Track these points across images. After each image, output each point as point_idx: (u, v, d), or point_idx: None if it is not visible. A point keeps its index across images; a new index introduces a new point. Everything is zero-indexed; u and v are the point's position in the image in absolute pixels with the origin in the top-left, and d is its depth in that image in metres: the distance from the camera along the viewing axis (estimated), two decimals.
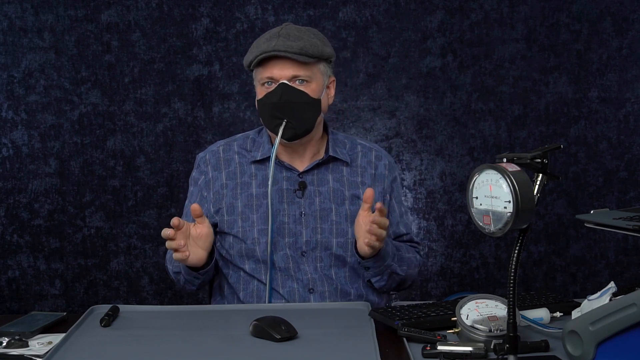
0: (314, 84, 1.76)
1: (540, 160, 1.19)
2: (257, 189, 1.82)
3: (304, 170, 1.83)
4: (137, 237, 3.15)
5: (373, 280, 1.79)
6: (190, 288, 1.82)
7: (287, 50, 1.71)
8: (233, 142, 1.90)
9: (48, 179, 3.13)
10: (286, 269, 1.79)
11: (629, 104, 3.19)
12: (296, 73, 1.73)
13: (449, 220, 3.20)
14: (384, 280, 1.79)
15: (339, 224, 1.80)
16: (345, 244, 1.80)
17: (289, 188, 1.82)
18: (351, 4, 3.12)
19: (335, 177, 1.84)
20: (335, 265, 1.81)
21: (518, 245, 1.15)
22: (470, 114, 3.17)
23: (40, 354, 1.34)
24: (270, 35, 1.76)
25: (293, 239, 1.79)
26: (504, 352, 1.19)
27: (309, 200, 1.81)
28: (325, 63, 1.80)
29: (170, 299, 3.17)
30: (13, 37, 3.07)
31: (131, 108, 3.12)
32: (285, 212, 1.80)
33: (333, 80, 1.86)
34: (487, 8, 3.13)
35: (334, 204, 1.81)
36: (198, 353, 1.35)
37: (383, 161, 1.90)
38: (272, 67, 1.74)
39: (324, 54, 1.77)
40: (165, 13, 3.09)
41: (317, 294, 1.78)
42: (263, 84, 1.77)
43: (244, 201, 1.81)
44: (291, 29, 1.77)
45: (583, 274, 3.24)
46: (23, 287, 3.15)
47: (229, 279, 1.84)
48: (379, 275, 1.77)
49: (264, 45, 1.74)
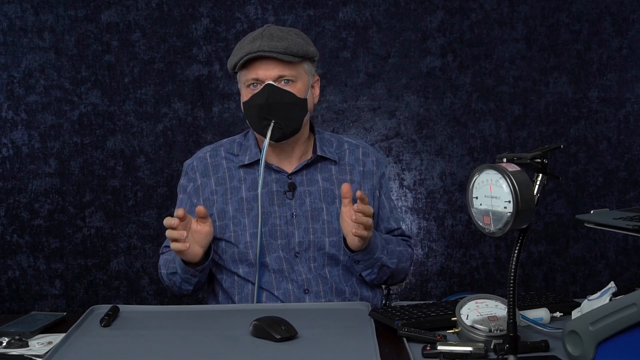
0: (299, 83, 1.76)
1: (540, 160, 1.19)
2: (247, 192, 1.82)
3: (292, 172, 1.83)
4: (137, 237, 3.15)
5: (364, 274, 1.81)
6: (187, 289, 1.81)
7: (272, 50, 1.71)
8: (220, 147, 1.90)
9: (48, 179, 3.12)
10: (280, 271, 1.79)
11: (629, 104, 3.19)
12: (282, 73, 1.74)
13: (449, 220, 3.20)
14: (374, 274, 1.80)
15: (331, 223, 1.81)
16: (338, 242, 1.80)
17: (279, 190, 1.82)
18: (351, 4, 3.12)
19: (324, 176, 1.84)
20: (329, 265, 1.81)
21: (518, 245, 1.15)
22: (470, 114, 3.17)
23: (40, 354, 1.34)
24: (253, 37, 1.76)
25: (286, 241, 1.79)
26: (504, 352, 1.19)
27: (299, 201, 1.81)
28: (309, 62, 1.81)
29: (170, 299, 3.17)
30: (13, 37, 3.07)
31: (131, 108, 3.12)
32: (277, 214, 1.80)
33: (317, 79, 1.86)
34: (487, 8, 3.13)
35: (325, 203, 1.82)
36: (198, 353, 1.35)
37: (370, 157, 1.90)
38: (257, 68, 1.74)
39: (308, 53, 1.78)
40: (165, 13, 3.09)
41: (312, 294, 1.78)
42: (248, 86, 1.77)
43: (234, 206, 1.81)
44: (274, 29, 1.77)
45: (583, 274, 3.24)
46: (23, 287, 3.15)
47: (223, 284, 1.84)
48: (369, 268, 1.79)
49: (247, 47, 1.74)
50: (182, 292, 1.83)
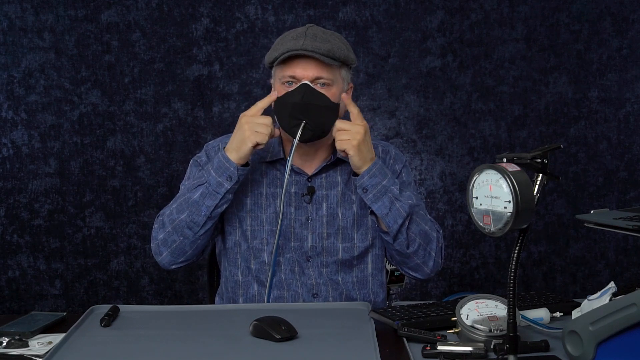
0: (334, 88, 1.74)
1: (540, 160, 1.19)
2: (268, 188, 1.81)
3: (312, 174, 1.82)
4: (137, 237, 3.15)
5: (375, 208, 1.71)
6: (198, 220, 1.69)
7: (314, 50, 1.69)
8: None
9: (48, 179, 3.12)
10: (291, 272, 1.79)
11: (629, 104, 3.19)
12: (319, 74, 1.71)
13: (449, 220, 3.20)
14: (386, 208, 1.70)
15: (345, 229, 1.80)
16: (351, 248, 1.79)
17: (297, 192, 1.81)
18: (351, 4, 3.11)
19: (343, 179, 1.83)
20: (342, 271, 1.81)
21: (518, 245, 1.15)
22: (470, 114, 3.17)
23: (40, 354, 1.34)
24: (297, 34, 1.74)
25: (299, 244, 1.79)
26: (504, 352, 1.19)
27: (316, 205, 1.80)
28: (346, 68, 1.79)
29: (170, 299, 3.17)
30: (13, 37, 3.07)
31: (131, 108, 3.12)
32: (292, 216, 1.80)
33: (351, 87, 1.85)
34: (487, 8, 3.13)
35: (342, 208, 1.81)
36: (198, 353, 1.35)
37: (390, 154, 1.89)
38: (295, 67, 1.72)
39: (348, 59, 1.76)
40: (165, 13, 3.09)
41: (320, 299, 1.78)
42: (284, 83, 1.74)
43: (253, 199, 1.81)
44: (317, 30, 1.75)
45: (583, 274, 3.24)
46: (23, 287, 3.15)
47: (228, 284, 1.83)
48: (380, 199, 1.70)
49: (290, 43, 1.71)
50: (188, 232, 1.71)
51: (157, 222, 1.79)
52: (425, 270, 1.79)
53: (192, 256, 1.77)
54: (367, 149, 1.70)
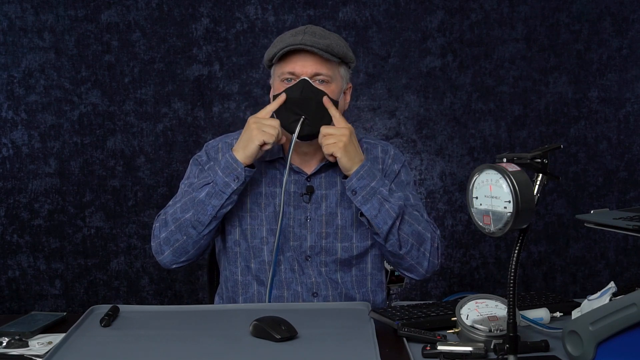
0: (333, 85, 1.75)
1: (540, 160, 1.19)
2: (267, 187, 1.81)
3: (311, 173, 1.82)
4: (137, 237, 3.15)
5: (364, 210, 1.71)
6: (203, 219, 1.69)
7: (313, 45, 1.70)
8: None
9: (48, 179, 3.12)
10: (291, 272, 1.79)
11: (629, 104, 3.19)
12: (319, 70, 1.72)
13: (449, 220, 3.20)
14: (375, 209, 1.70)
15: (344, 228, 1.80)
16: (350, 248, 1.80)
17: (296, 191, 1.81)
18: (351, 4, 3.11)
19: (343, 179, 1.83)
20: (342, 270, 1.81)
21: (518, 245, 1.15)
22: (470, 114, 3.17)
23: (40, 354, 1.34)
24: (296, 31, 1.75)
25: (298, 243, 1.79)
26: (504, 352, 1.19)
27: (315, 205, 1.80)
28: (345, 67, 1.80)
29: (170, 299, 3.17)
30: (13, 37, 3.07)
31: (131, 108, 3.12)
32: (291, 216, 1.80)
33: (350, 86, 1.85)
34: (487, 8, 3.13)
35: (341, 208, 1.81)
36: (198, 353, 1.35)
37: (389, 154, 1.89)
38: (294, 62, 1.72)
39: (347, 56, 1.77)
40: (165, 13, 3.09)
41: (320, 298, 1.78)
42: (283, 80, 1.75)
43: (252, 198, 1.81)
44: (316, 28, 1.77)
45: (583, 274, 3.24)
46: (23, 287, 3.15)
47: (228, 284, 1.83)
48: (369, 201, 1.70)
49: (289, 39, 1.72)
50: (192, 231, 1.71)
51: (158, 220, 1.79)
52: (420, 271, 1.78)
53: (194, 256, 1.78)
54: (354, 150, 1.71)
